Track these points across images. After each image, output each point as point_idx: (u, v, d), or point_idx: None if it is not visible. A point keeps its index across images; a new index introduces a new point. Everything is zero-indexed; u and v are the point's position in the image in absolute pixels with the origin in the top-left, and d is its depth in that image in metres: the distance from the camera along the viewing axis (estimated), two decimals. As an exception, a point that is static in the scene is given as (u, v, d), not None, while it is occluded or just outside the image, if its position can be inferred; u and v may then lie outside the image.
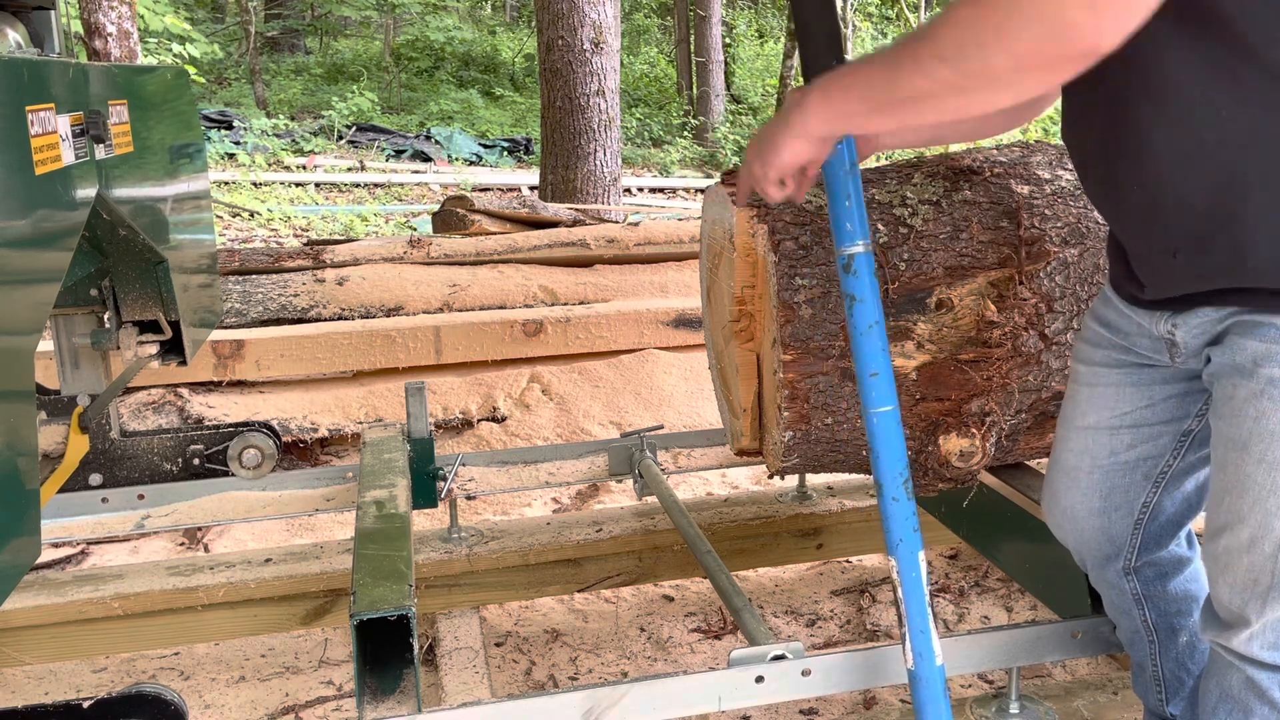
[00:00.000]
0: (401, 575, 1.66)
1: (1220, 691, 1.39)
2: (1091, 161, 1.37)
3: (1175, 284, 1.30)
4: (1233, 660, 1.36)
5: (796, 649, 1.69)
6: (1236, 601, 1.31)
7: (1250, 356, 1.22)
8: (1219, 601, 1.35)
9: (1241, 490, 1.26)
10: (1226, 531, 1.30)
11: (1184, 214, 1.22)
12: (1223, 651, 1.38)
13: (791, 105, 1.35)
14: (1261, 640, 1.32)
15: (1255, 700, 1.34)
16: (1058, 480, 1.62)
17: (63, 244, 1.32)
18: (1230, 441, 1.27)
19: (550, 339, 3.91)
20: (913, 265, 1.83)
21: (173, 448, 2.36)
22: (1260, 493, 1.24)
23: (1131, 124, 1.24)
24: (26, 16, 1.68)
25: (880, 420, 1.45)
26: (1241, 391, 1.24)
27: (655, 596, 2.68)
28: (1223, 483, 1.30)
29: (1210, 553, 1.34)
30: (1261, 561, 1.27)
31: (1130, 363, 1.47)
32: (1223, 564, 1.32)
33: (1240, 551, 1.29)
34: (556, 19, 6.39)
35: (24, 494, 1.17)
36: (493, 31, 19.34)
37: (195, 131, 2.16)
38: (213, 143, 11.43)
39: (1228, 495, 1.29)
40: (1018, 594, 2.64)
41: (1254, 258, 1.18)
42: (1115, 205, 1.35)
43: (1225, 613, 1.34)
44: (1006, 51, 1.06)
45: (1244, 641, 1.33)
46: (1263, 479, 1.24)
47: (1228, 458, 1.28)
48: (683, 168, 13.20)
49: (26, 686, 2.29)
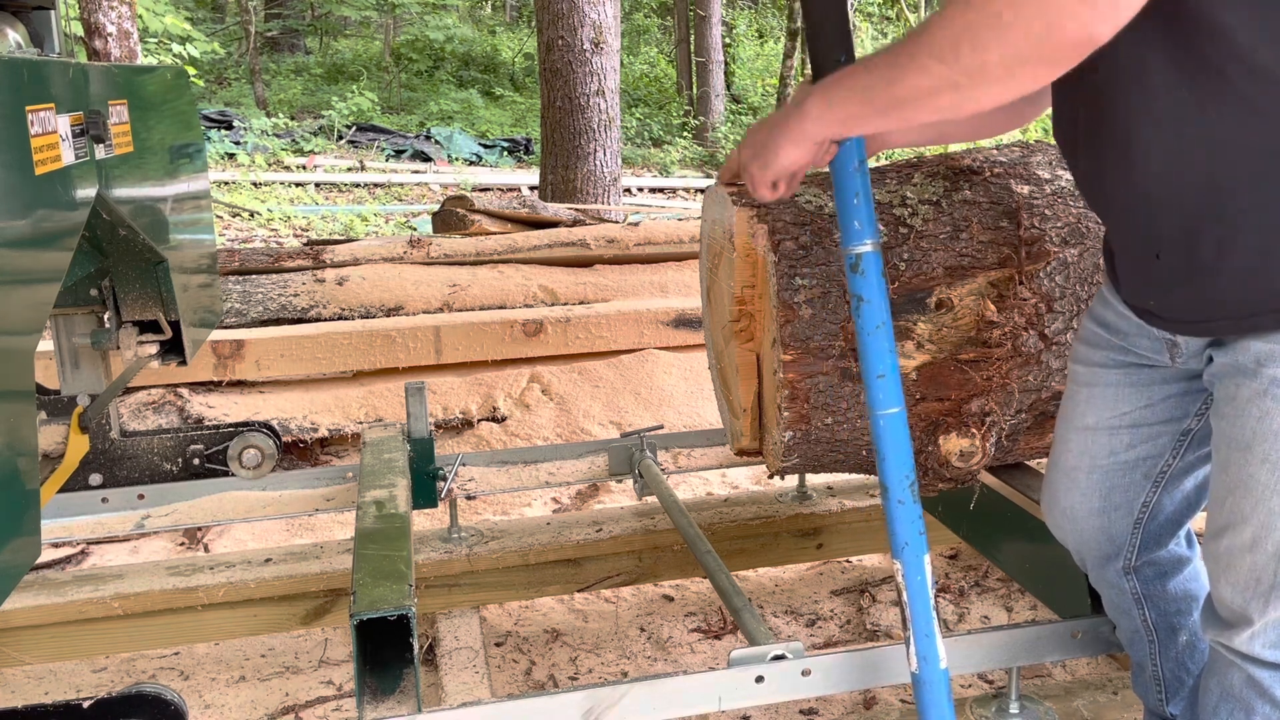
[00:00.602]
0: (401, 575, 1.66)
1: (1221, 690, 1.39)
2: (1081, 158, 1.37)
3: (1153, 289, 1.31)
4: (1234, 659, 1.36)
5: (796, 649, 1.69)
6: (1238, 601, 1.31)
7: (1253, 356, 1.22)
8: (1221, 601, 1.35)
9: (1245, 490, 1.26)
10: (1229, 531, 1.30)
11: (1168, 213, 1.23)
12: (1224, 650, 1.37)
13: (790, 108, 1.36)
14: (1264, 639, 1.32)
15: (1257, 698, 1.35)
16: (1057, 481, 1.62)
17: (63, 244, 1.32)
18: (1233, 441, 1.27)
19: (550, 339, 3.90)
20: (913, 265, 1.83)
21: (173, 448, 2.36)
22: (1264, 493, 1.24)
23: (1118, 121, 1.24)
24: (26, 16, 1.68)
25: (887, 422, 1.44)
26: (1244, 391, 1.24)
27: (655, 596, 2.68)
28: (1225, 483, 1.30)
29: (1212, 552, 1.34)
30: (1264, 561, 1.27)
31: (1129, 363, 1.47)
32: (1225, 563, 1.32)
33: (1243, 551, 1.29)
34: (556, 19, 6.39)
35: (24, 494, 1.17)
36: (493, 31, 19.34)
37: (195, 131, 2.16)
38: (213, 143, 11.43)
39: (1230, 495, 1.29)
40: (1018, 594, 2.64)
41: (1241, 256, 1.18)
42: (1104, 202, 1.36)
43: (1227, 612, 1.34)
44: (1003, 46, 1.07)
45: (1246, 640, 1.33)
46: (1266, 479, 1.24)
47: (1230, 458, 1.28)
48: (683, 168, 13.20)
49: (26, 686, 2.29)
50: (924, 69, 1.14)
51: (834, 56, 1.41)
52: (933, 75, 1.14)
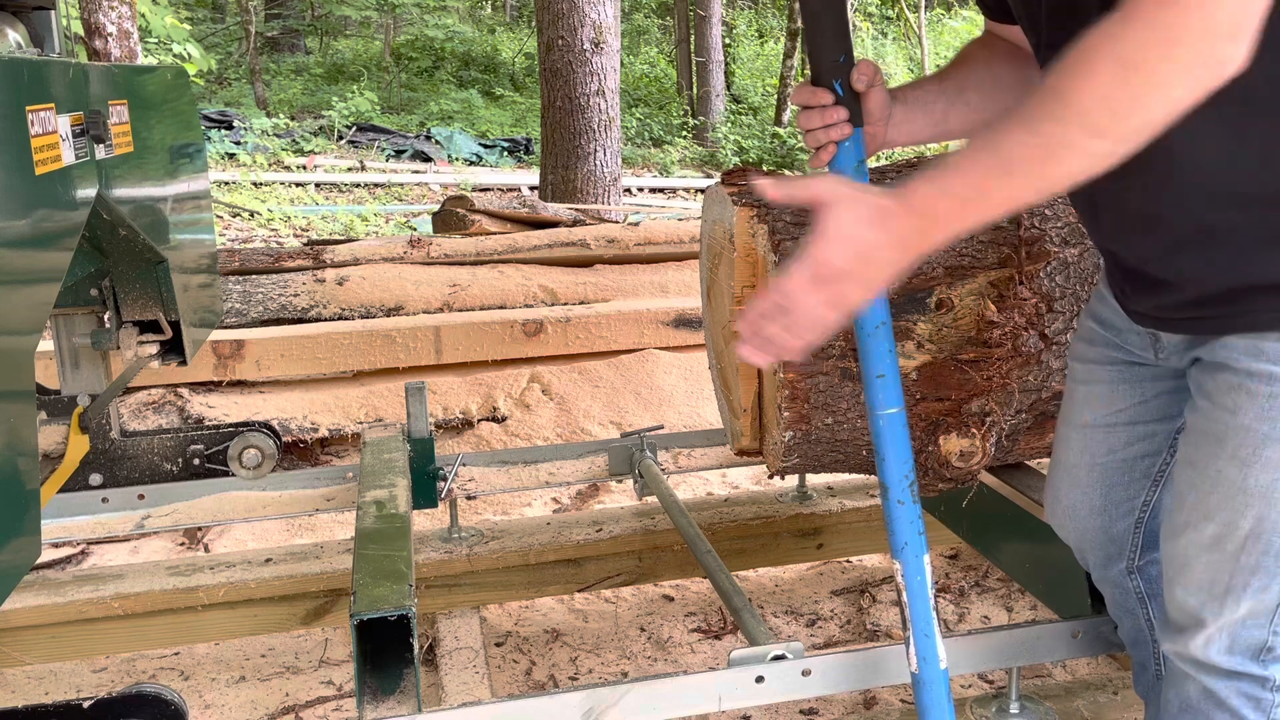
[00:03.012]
0: (401, 575, 1.66)
1: (1180, 702, 1.37)
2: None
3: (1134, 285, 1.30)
4: (1189, 669, 1.34)
5: (796, 649, 1.69)
6: (1193, 603, 1.29)
7: (1230, 352, 1.21)
8: (1174, 604, 1.33)
9: (1211, 486, 1.24)
10: (1189, 529, 1.28)
11: (1171, 222, 1.22)
12: (1178, 661, 1.35)
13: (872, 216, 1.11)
14: (1219, 645, 1.29)
15: (1215, 709, 1.32)
16: (1059, 479, 1.61)
17: (63, 244, 1.32)
18: (1204, 435, 1.25)
19: (550, 339, 3.90)
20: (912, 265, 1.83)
21: (173, 448, 2.36)
22: (1230, 489, 1.22)
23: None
24: (26, 16, 1.68)
25: (887, 422, 1.43)
26: (1219, 386, 1.23)
27: (655, 596, 2.68)
28: (1190, 479, 1.28)
29: (1169, 553, 1.32)
30: (1222, 561, 1.25)
31: (1122, 360, 1.46)
32: (1181, 563, 1.30)
33: (1201, 550, 1.27)
34: (556, 19, 6.39)
35: (24, 494, 1.17)
36: (493, 31, 19.34)
37: (195, 131, 2.16)
38: (213, 143, 11.43)
39: (1194, 491, 1.27)
40: (1018, 594, 2.64)
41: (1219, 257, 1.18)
42: (1096, 209, 1.35)
43: (1180, 615, 1.32)
44: (1165, 100, 1.00)
45: (1201, 647, 1.31)
46: (1234, 475, 1.22)
47: (1199, 453, 1.26)
48: (683, 168, 13.19)
49: (26, 686, 2.29)
50: (1087, 149, 1.03)
51: (833, 57, 1.41)
52: (1090, 152, 1.03)
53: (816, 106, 1.42)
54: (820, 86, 1.42)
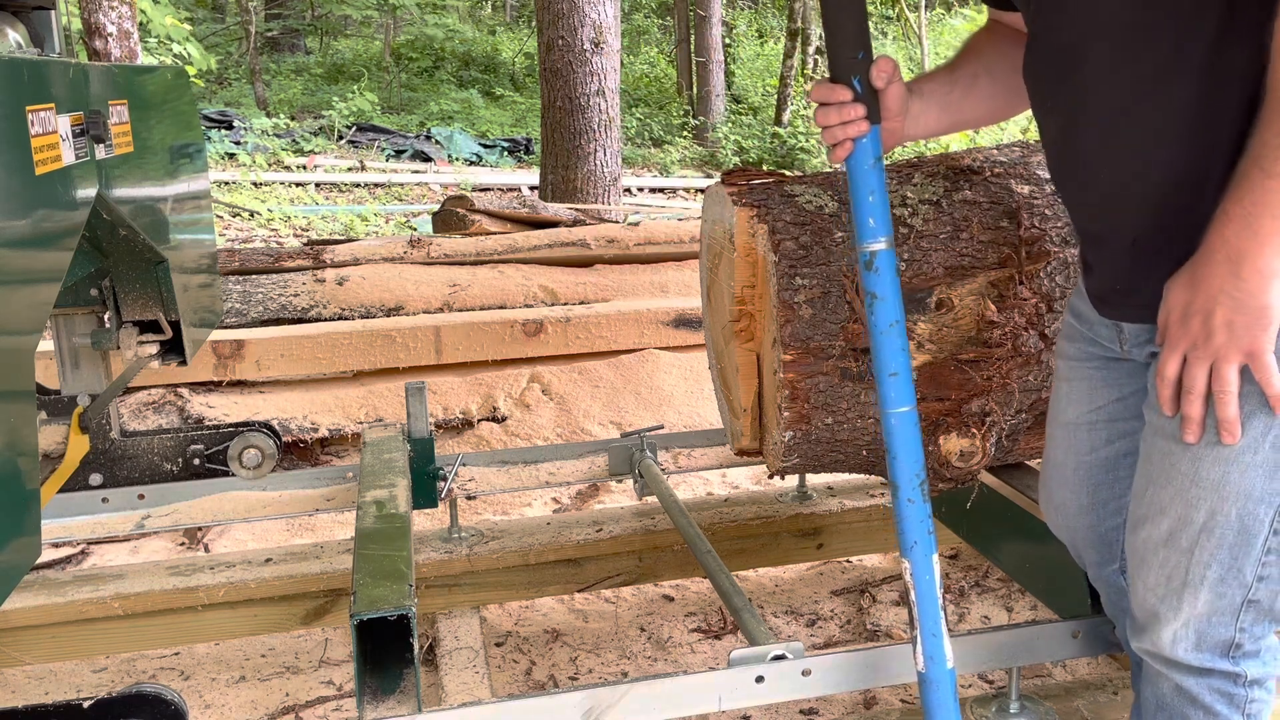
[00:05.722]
0: (401, 575, 1.66)
1: (1156, 701, 1.38)
2: (1057, 146, 1.37)
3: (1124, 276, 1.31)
4: (1160, 668, 1.34)
5: (797, 649, 1.69)
6: (1151, 599, 1.30)
7: None
8: (1136, 601, 1.33)
9: (1165, 481, 1.25)
10: (1146, 524, 1.28)
11: (1144, 202, 1.23)
12: (1149, 659, 1.36)
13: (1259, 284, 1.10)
14: (1185, 642, 1.30)
15: (1189, 707, 1.33)
16: (1049, 477, 1.62)
17: (63, 244, 1.32)
18: (1159, 430, 1.25)
19: (550, 339, 3.90)
20: (913, 265, 1.83)
21: (173, 448, 2.36)
22: (1183, 483, 1.23)
23: (1096, 110, 1.24)
24: (26, 16, 1.68)
25: (898, 420, 1.43)
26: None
27: (655, 596, 2.68)
28: (1147, 473, 1.28)
29: (1129, 548, 1.33)
30: (1177, 557, 1.25)
31: (1100, 355, 1.46)
32: (1139, 559, 1.30)
33: (1157, 545, 1.27)
34: (557, 19, 6.39)
35: (24, 494, 1.17)
36: (493, 31, 19.33)
37: (195, 131, 2.16)
38: (213, 143, 11.42)
39: (1151, 486, 1.27)
40: (1018, 594, 2.64)
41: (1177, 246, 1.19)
42: (1077, 189, 1.36)
43: (1141, 612, 1.33)
44: None
45: (1168, 644, 1.31)
46: (1187, 469, 1.22)
47: (1154, 448, 1.26)
48: (683, 168, 13.19)
49: (26, 686, 2.29)
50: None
51: (851, 53, 1.40)
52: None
53: (834, 103, 1.41)
54: (838, 83, 1.41)
